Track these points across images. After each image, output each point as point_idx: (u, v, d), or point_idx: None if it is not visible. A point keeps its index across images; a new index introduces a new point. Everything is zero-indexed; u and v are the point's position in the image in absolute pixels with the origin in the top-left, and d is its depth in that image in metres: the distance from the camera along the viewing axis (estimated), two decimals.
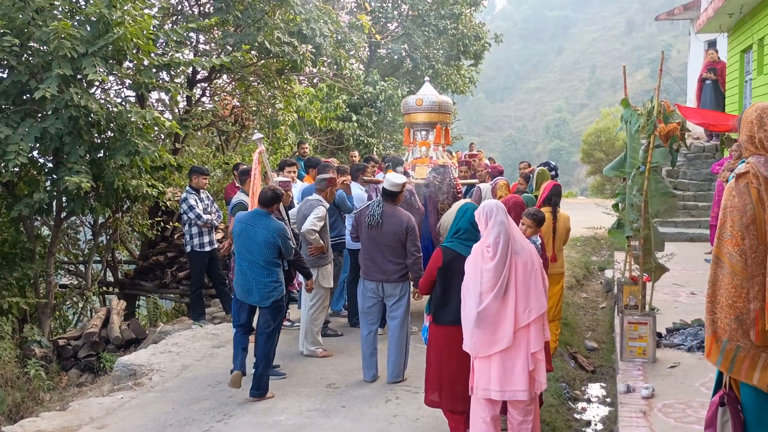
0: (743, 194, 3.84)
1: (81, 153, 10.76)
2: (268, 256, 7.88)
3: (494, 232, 5.71)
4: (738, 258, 3.82)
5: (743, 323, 3.82)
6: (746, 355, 3.82)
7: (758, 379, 3.82)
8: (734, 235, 3.84)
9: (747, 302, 3.80)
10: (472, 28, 28.93)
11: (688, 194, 18.65)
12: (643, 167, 8.33)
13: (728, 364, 3.88)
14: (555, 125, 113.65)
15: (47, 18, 10.71)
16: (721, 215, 3.95)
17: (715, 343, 3.92)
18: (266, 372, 7.97)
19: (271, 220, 7.96)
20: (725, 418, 3.95)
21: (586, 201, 29.71)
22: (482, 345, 5.70)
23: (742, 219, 3.82)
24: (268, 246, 7.85)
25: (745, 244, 3.80)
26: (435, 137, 11.65)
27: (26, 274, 11.68)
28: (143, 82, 11.48)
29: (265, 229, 7.86)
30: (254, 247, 7.88)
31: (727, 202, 3.92)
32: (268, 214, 7.99)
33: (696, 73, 22.28)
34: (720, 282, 3.91)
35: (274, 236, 7.85)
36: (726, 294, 3.86)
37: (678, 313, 10.30)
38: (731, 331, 3.85)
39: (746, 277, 3.80)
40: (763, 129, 3.89)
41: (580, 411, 8.50)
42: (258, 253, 7.87)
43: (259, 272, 7.90)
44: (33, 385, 10.16)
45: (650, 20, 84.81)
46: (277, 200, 8.11)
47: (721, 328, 3.89)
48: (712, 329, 3.93)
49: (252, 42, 14.13)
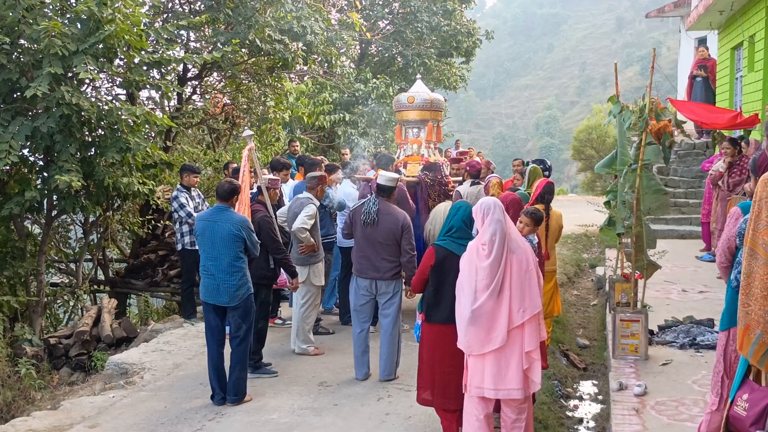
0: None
1: (72, 151, 10.72)
2: (233, 251, 7.65)
3: (490, 230, 5.69)
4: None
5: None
6: None
7: None
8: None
9: None
10: (463, 24, 28.93)
11: (679, 191, 18.69)
12: (635, 164, 8.34)
13: (759, 357, 3.80)
14: (545, 122, 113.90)
15: (38, 16, 10.66)
16: (756, 207, 3.86)
17: (747, 336, 3.83)
18: (242, 376, 7.84)
19: (233, 213, 7.80)
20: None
21: (576, 198, 29.73)
22: (476, 343, 5.69)
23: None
24: (233, 239, 7.63)
25: None
26: (427, 134, 11.66)
27: (17, 272, 11.64)
28: (134, 79, 11.44)
29: (228, 223, 7.65)
30: (218, 242, 7.65)
31: (762, 193, 3.83)
32: (228, 207, 7.80)
33: (686, 70, 22.33)
34: (755, 273, 3.82)
35: (239, 228, 7.65)
36: (761, 285, 3.78)
37: (670, 311, 10.34)
38: (765, 324, 3.77)
39: None
40: None
41: (572, 409, 8.51)
42: (223, 248, 7.65)
43: (225, 270, 7.66)
44: (24, 384, 10.11)
45: (640, 17, 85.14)
46: (234, 192, 7.87)
47: (755, 320, 3.80)
48: (745, 321, 3.84)
49: (243, 39, 14.09)
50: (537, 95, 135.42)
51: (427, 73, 27.77)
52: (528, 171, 9.87)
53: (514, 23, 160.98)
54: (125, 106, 11.41)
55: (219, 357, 7.88)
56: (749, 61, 16.90)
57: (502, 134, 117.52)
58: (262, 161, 13.95)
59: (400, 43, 27.54)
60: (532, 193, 9.10)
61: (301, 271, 9.06)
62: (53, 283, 14.26)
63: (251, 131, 9.34)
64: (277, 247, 8.47)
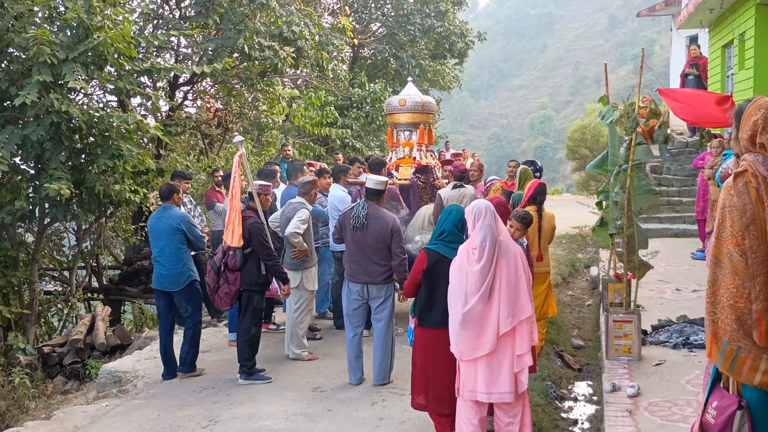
0: (742, 193, 3.76)
1: (62, 159, 10.71)
2: (175, 243, 8.88)
3: (481, 235, 5.67)
4: (739, 258, 3.75)
5: (744, 324, 3.76)
6: (747, 356, 3.76)
7: (759, 380, 3.77)
8: (734, 235, 3.77)
9: (749, 303, 3.74)
10: (456, 26, 28.96)
11: (672, 190, 18.69)
12: (625, 165, 8.33)
13: (728, 365, 3.81)
14: (539, 122, 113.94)
15: (26, 24, 10.65)
16: (720, 215, 3.87)
17: (716, 344, 3.84)
18: (191, 351, 9.03)
19: (174, 210, 9.06)
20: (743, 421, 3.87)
21: (571, 198, 29.73)
22: (466, 348, 5.68)
23: (741, 219, 3.75)
24: (173, 233, 8.87)
25: (745, 244, 3.73)
26: (418, 137, 11.65)
27: (10, 281, 11.62)
28: (124, 87, 11.42)
29: (169, 219, 8.92)
30: (162, 236, 8.92)
31: (726, 201, 3.83)
32: (171, 206, 9.08)
33: (678, 68, 22.35)
34: (720, 282, 3.83)
35: (178, 222, 8.89)
36: (727, 294, 3.79)
37: (663, 310, 10.32)
38: (732, 332, 3.78)
39: (748, 277, 3.73)
40: (766, 131, 3.82)
41: (567, 410, 8.49)
42: (167, 240, 8.89)
43: (169, 259, 8.88)
44: (18, 393, 10.11)
45: (632, 16, 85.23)
46: (172, 192, 9.14)
47: (722, 328, 3.82)
48: (713, 330, 3.86)
49: (233, 46, 14.08)
50: (531, 95, 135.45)
51: (422, 74, 27.81)
52: (519, 172, 9.85)
53: (507, 23, 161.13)
54: (116, 113, 11.39)
55: (167, 338, 9.09)
56: (740, 59, 16.93)
57: (497, 135, 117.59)
58: (256, 166, 13.95)
59: (393, 45, 27.56)
60: (524, 195, 9.09)
61: (294, 276, 9.05)
62: (47, 291, 14.26)
63: (242, 137, 9.31)
64: (268, 254, 8.46)
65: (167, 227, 8.87)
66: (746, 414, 3.83)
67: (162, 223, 8.91)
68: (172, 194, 9.12)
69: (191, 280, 8.97)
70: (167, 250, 8.88)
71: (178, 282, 8.90)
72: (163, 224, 8.90)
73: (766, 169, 3.76)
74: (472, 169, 11.36)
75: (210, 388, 8.43)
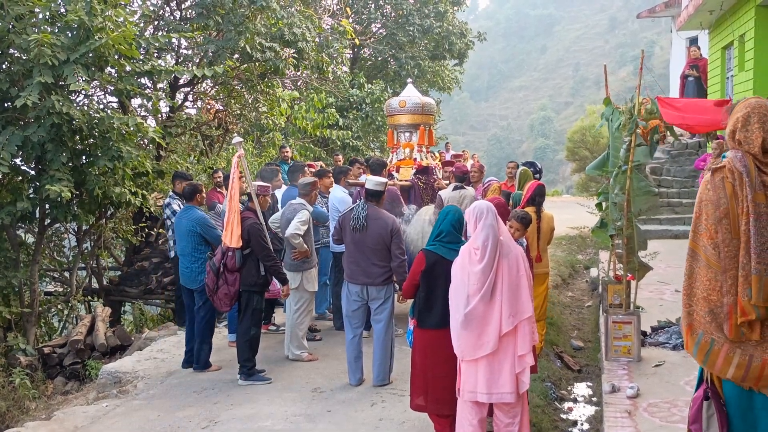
0: (718, 188, 3.87)
1: (63, 160, 10.72)
2: (191, 243, 9.30)
3: (483, 235, 5.68)
4: (712, 251, 3.84)
5: (717, 316, 3.83)
6: (720, 348, 3.83)
7: (732, 373, 3.83)
8: (708, 228, 3.86)
9: (720, 296, 3.82)
10: (456, 26, 28.99)
11: (672, 191, 18.71)
12: (625, 166, 8.34)
13: (703, 356, 3.90)
14: (540, 123, 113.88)
15: (27, 25, 10.65)
16: (697, 208, 3.98)
17: (691, 336, 3.94)
18: (202, 348, 9.19)
19: (193, 211, 9.41)
20: (710, 412, 3.94)
21: (571, 199, 29.74)
22: (468, 348, 5.69)
23: (716, 212, 3.84)
24: (189, 234, 9.30)
25: (718, 238, 3.82)
26: (419, 138, 11.66)
27: (10, 282, 11.61)
28: (125, 88, 11.43)
29: (186, 220, 9.34)
30: (182, 235, 9.40)
31: (702, 195, 3.94)
32: (191, 207, 9.45)
33: (679, 70, 22.40)
34: (696, 275, 3.92)
35: (194, 225, 9.26)
36: (701, 287, 3.88)
37: (663, 311, 10.33)
38: (705, 324, 3.86)
39: (720, 270, 3.82)
40: (745, 129, 3.89)
41: (567, 411, 8.51)
42: (186, 241, 9.35)
43: (187, 258, 9.38)
44: (18, 393, 10.11)
45: (633, 18, 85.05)
46: (194, 192, 9.45)
47: (697, 320, 3.90)
48: (688, 321, 3.95)
49: (233, 47, 14.09)
50: (531, 96, 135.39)
51: (421, 75, 27.82)
52: (518, 174, 9.87)
53: (507, 24, 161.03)
54: (117, 115, 11.40)
55: (189, 330, 9.45)
56: (740, 61, 16.95)
57: (497, 136, 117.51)
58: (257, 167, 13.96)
59: (392, 46, 27.58)
60: (522, 196, 9.10)
61: (294, 277, 9.05)
62: (47, 292, 14.25)
63: (240, 138, 9.33)
64: (267, 255, 8.46)
65: (186, 228, 9.33)
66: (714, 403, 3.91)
67: (182, 223, 9.40)
68: (194, 195, 9.48)
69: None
70: (187, 249, 9.37)
71: (195, 280, 9.28)
72: (183, 224, 9.38)
73: (742, 165, 3.83)
74: (473, 170, 11.37)
75: (210, 389, 8.44)
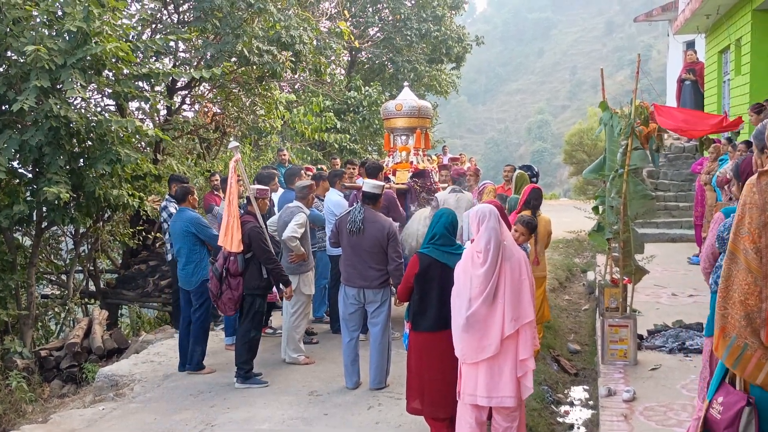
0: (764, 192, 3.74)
1: (61, 163, 10.72)
2: (187, 244, 9.29)
3: (485, 238, 5.68)
4: (753, 255, 3.74)
5: (753, 321, 3.75)
6: (753, 354, 3.76)
7: (762, 380, 3.77)
8: (752, 232, 3.76)
9: (759, 301, 3.74)
10: (453, 30, 29.01)
11: (669, 195, 18.73)
12: (621, 170, 8.36)
13: (733, 360, 3.81)
14: (537, 127, 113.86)
15: (25, 29, 10.65)
16: (740, 211, 3.86)
17: (723, 338, 3.84)
18: (196, 349, 9.28)
19: (186, 213, 9.42)
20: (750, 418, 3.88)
21: (568, 202, 29.75)
22: (469, 351, 5.69)
23: (761, 217, 3.75)
24: (184, 235, 9.29)
25: (761, 242, 3.73)
26: (415, 142, 11.67)
27: (7, 285, 11.60)
28: (122, 91, 11.43)
29: (181, 221, 9.36)
30: (177, 237, 9.41)
31: (746, 198, 3.81)
32: (184, 208, 9.46)
33: (675, 73, 22.40)
34: (733, 278, 3.81)
35: (188, 225, 9.27)
36: (739, 290, 3.78)
37: (659, 315, 10.35)
38: (740, 328, 3.78)
39: (760, 275, 3.74)
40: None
41: (563, 414, 8.51)
42: (181, 242, 9.34)
43: (183, 259, 9.37)
44: (15, 397, 10.09)
45: (630, 21, 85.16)
46: (186, 194, 9.48)
47: (731, 324, 3.82)
48: (722, 324, 3.85)
49: (231, 50, 14.10)
50: (528, 100, 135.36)
51: (418, 79, 27.84)
52: (515, 177, 9.89)
53: (504, 28, 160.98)
54: (115, 117, 11.39)
55: (184, 331, 9.46)
56: (736, 65, 16.99)
57: (495, 139, 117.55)
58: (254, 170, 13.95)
59: (390, 50, 27.59)
60: (519, 200, 9.11)
61: (291, 280, 9.05)
62: (44, 294, 14.24)
63: (236, 142, 9.34)
64: (269, 258, 8.46)
65: (180, 229, 9.32)
66: (754, 411, 3.84)
67: (177, 225, 9.41)
68: (186, 196, 9.51)
69: (203, 280, 9.17)
70: (183, 250, 9.36)
71: (191, 282, 9.33)
72: (177, 226, 9.39)
73: None
74: (468, 174, 11.39)
75: (207, 392, 8.44)
